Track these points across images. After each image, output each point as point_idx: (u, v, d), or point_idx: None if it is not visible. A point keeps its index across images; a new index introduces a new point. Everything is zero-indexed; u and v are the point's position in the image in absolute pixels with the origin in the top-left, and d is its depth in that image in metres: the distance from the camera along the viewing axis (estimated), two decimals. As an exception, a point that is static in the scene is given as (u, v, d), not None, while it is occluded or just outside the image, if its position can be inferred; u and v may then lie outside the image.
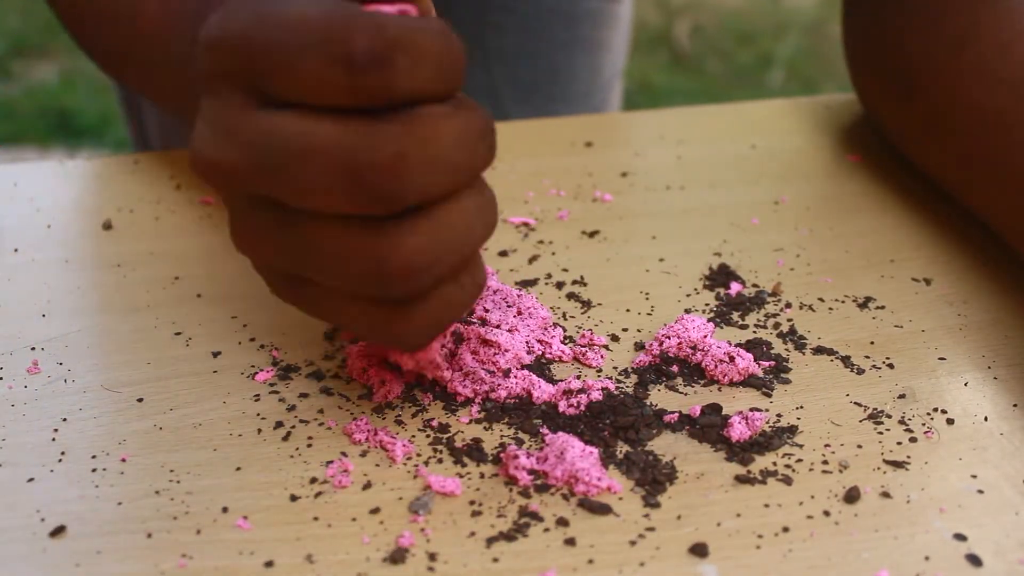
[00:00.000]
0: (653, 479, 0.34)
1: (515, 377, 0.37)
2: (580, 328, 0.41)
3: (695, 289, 0.44)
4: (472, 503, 0.33)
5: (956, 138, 0.47)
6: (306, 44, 0.27)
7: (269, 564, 0.31)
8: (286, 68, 0.28)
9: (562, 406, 0.37)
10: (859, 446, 0.36)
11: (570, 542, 0.32)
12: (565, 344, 0.40)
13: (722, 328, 0.41)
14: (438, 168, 0.29)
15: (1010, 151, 0.44)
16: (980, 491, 0.34)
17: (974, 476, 0.35)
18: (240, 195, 0.31)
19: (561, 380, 0.38)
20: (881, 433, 0.36)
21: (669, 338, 0.40)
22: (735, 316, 0.42)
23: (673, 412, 0.37)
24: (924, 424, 0.37)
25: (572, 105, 0.74)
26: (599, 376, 0.39)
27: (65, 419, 0.36)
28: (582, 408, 0.37)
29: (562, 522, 0.33)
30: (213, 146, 0.30)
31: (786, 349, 0.40)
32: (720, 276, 0.44)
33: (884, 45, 0.52)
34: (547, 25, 0.71)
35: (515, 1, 0.70)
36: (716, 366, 0.38)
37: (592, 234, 0.47)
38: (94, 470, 0.34)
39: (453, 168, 0.29)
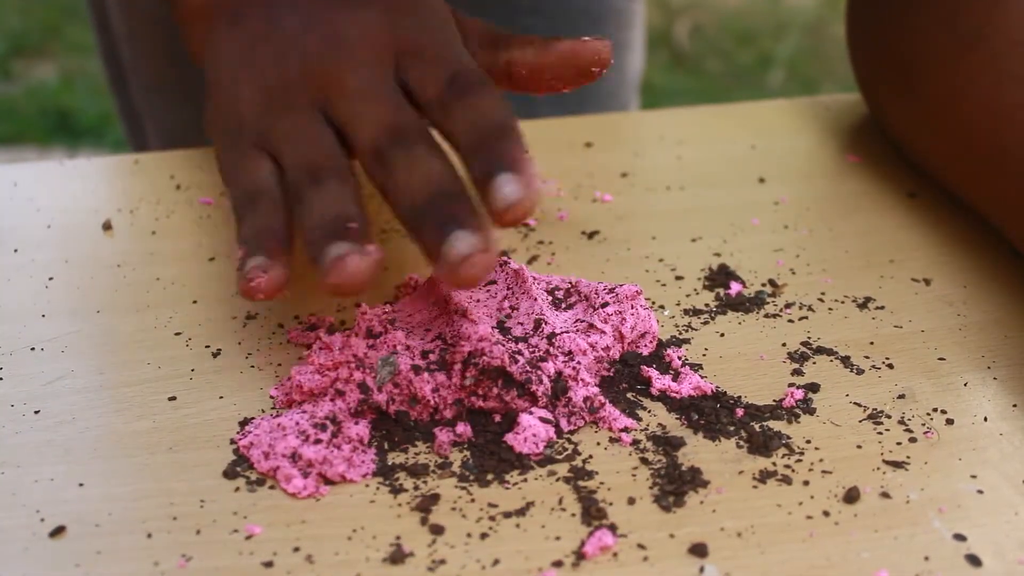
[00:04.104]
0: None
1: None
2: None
3: (695, 289, 0.44)
4: (472, 502, 0.33)
5: (965, 135, 0.47)
6: None
7: (268, 564, 0.31)
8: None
9: (562, 412, 0.37)
10: (858, 446, 0.36)
11: (570, 543, 0.32)
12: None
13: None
14: None
15: (1021, 148, 0.44)
16: (980, 491, 0.34)
17: (974, 476, 0.35)
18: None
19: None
20: (880, 433, 0.36)
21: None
22: (735, 316, 0.42)
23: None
24: (924, 424, 0.37)
25: (601, 105, 0.74)
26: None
27: (65, 419, 0.36)
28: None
29: (562, 524, 0.33)
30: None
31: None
32: (720, 276, 0.44)
33: (891, 41, 0.52)
34: (575, 27, 0.71)
35: (544, 3, 0.70)
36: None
37: (592, 235, 0.47)
38: (94, 470, 0.34)
39: None
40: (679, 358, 0.39)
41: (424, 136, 0.39)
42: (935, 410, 0.37)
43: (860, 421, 0.37)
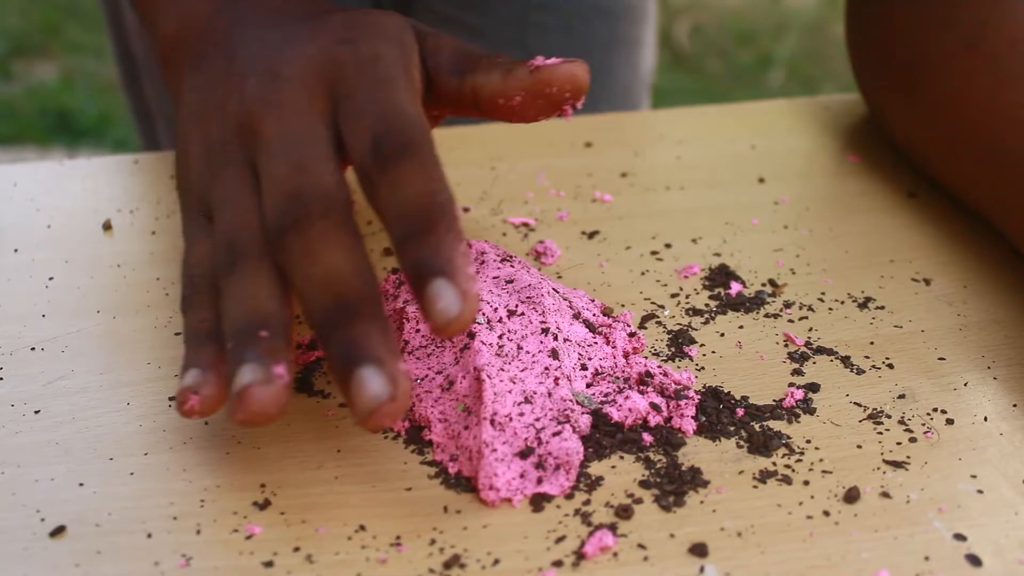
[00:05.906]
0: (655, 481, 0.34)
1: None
2: (580, 328, 0.41)
3: (695, 289, 0.44)
4: (472, 502, 0.33)
5: (965, 135, 0.47)
6: None
7: (269, 564, 0.31)
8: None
9: None
10: (859, 446, 0.36)
11: (570, 542, 0.32)
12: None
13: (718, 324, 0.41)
14: None
15: (1021, 147, 0.44)
16: (980, 491, 0.34)
17: (974, 476, 0.35)
18: None
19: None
20: (881, 433, 0.36)
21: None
22: (735, 316, 0.42)
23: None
24: (924, 424, 0.37)
25: (614, 103, 0.74)
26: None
27: (65, 419, 0.36)
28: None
29: (562, 523, 0.33)
30: None
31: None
32: (720, 276, 0.44)
33: (891, 40, 0.52)
34: (588, 23, 0.71)
35: (557, 0, 0.69)
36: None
37: (592, 235, 0.47)
38: (94, 470, 0.34)
39: None
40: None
41: (327, 211, 0.33)
42: (935, 410, 0.37)
43: (860, 421, 0.37)
